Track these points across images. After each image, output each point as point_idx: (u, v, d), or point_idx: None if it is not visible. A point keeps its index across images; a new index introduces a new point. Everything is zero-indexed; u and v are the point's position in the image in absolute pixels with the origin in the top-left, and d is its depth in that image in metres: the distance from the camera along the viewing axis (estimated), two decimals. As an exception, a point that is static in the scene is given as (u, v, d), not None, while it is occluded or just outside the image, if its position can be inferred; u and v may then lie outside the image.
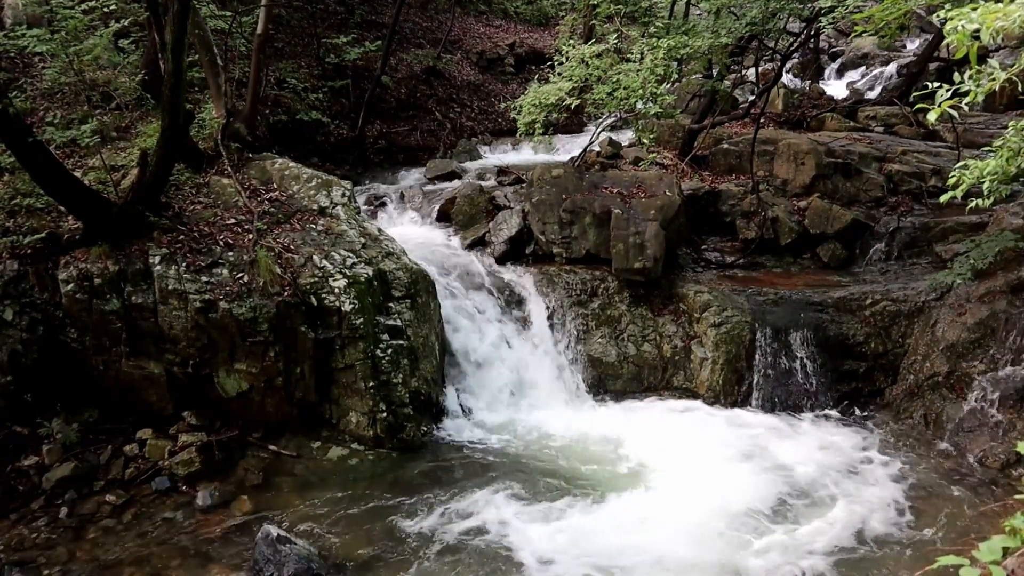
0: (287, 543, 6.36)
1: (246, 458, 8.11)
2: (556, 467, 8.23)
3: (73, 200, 7.92)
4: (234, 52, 12.23)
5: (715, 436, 8.72)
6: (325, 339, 8.37)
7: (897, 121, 14.23)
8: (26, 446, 7.64)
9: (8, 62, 10.63)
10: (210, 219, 8.85)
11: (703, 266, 11.25)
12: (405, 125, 16.24)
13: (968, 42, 3.65)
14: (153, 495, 7.55)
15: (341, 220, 9.62)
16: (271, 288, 8.15)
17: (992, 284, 9.08)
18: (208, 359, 8.19)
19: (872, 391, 9.62)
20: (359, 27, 17.27)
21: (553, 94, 9.87)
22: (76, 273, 7.91)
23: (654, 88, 9.45)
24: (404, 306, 9.00)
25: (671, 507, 7.36)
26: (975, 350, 8.87)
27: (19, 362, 7.72)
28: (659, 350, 9.96)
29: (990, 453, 8.05)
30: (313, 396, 8.49)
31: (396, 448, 8.41)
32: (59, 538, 6.97)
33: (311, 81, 14.61)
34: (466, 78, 18.46)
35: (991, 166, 5.57)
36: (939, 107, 3.93)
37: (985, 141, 9.79)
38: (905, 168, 11.91)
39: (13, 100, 7.59)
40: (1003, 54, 16.48)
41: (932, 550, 6.66)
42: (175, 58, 7.59)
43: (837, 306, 9.88)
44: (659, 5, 12.30)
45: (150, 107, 10.41)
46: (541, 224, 10.67)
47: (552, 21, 22.31)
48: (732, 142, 13.07)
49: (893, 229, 11.01)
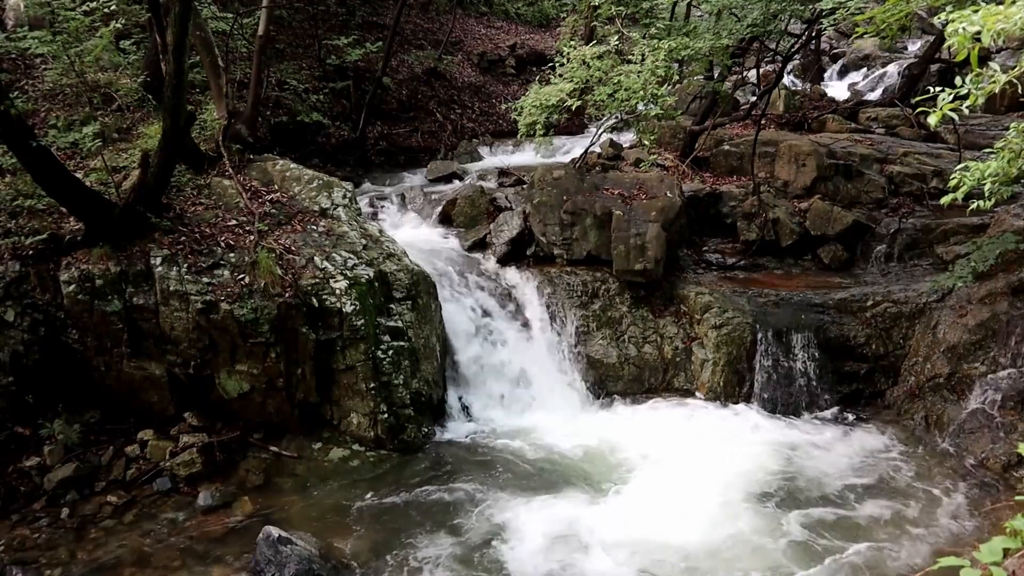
0: (288, 544, 6.37)
1: (247, 459, 8.11)
2: (556, 467, 8.23)
3: (75, 201, 7.93)
4: (235, 54, 12.24)
5: (715, 437, 8.72)
6: (326, 340, 8.37)
7: (898, 123, 14.23)
8: (28, 447, 7.65)
9: (10, 64, 10.64)
10: (211, 220, 8.85)
11: (704, 267, 11.25)
12: (406, 126, 16.24)
13: (969, 44, 3.66)
14: (154, 496, 7.56)
15: (342, 221, 9.63)
16: (272, 289, 8.15)
17: (993, 286, 9.08)
18: (209, 360, 8.20)
19: (873, 392, 9.62)
20: (360, 28, 17.28)
21: (554, 95, 9.87)
22: (78, 274, 7.91)
23: (655, 89, 9.44)
24: (405, 307, 9.00)
25: (671, 507, 7.35)
26: (976, 352, 8.87)
27: (21, 363, 7.72)
28: (660, 351, 9.96)
29: (991, 454, 8.04)
30: (314, 397, 8.50)
31: (397, 449, 8.42)
32: (60, 539, 6.97)
33: (312, 82, 14.62)
34: (467, 79, 18.46)
35: (992, 168, 5.57)
36: (940, 110, 3.93)
37: (986, 143, 9.77)
38: (906, 170, 11.91)
39: (15, 102, 7.58)
40: (1004, 56, 16.50)
41: (933, 551, 6.67)
42: (176, 60, 7.59)
43: (838, 307, 9.88)
44: (660, 6, 12.26)
45: (151, 108, 10.41)
46: (542, 225, 10.68)
47: (553, 22, 22.33)
48: (733, 144, 13.08)
49: (894, 231, 11.01)
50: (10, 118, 7.06)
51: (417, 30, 19.35)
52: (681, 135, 13.78)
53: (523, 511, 7.37)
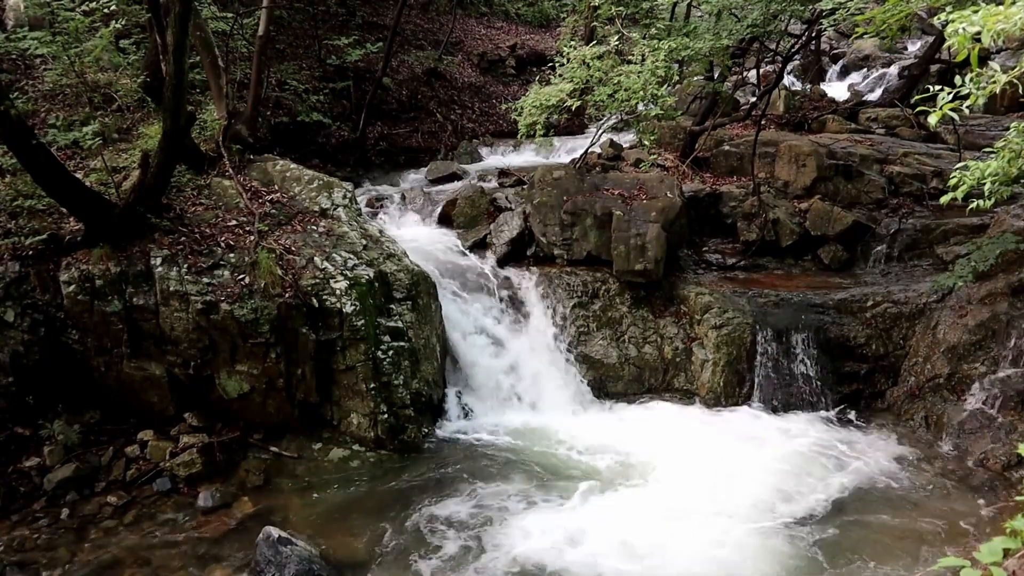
0: (288, 544, 6.37)
1: (247, 459, 8.12)
2: (557, 468, 8.23)
3: (75, 202, 7.93)
4: (235, 54, 12.24)
5: (715, 437, 8.72)
6: (326, 340, 8.37)
7: (898, 123, 14.22)
8: (28, 447, 7.65)
9: (10, 64, 10.64)
10: (211, 220, 8.85)
11: (704, 268, 11.25)
12: (406, 127, 16.23)
13: (969, 44, 3.66)
14: (154, 496, 7.56)
15: (342, 222, 9.63)
16: (272, 290, 8.15)
17: (993, 286, 9.08)
18: (209, 360, 8.20)
19: (873, 393, 9.62)
20: (360, 29, 17.27)
21: (554, 96, 9.86)
22: (78, 274, 7.92)
23: (655, 90, 9.44)
24: (405, 307, 9.00)
25: (671, 507, 7.35)
26: (976, 352, 8.87)
27: (20, 363, 7.73)
28: (660, 352, 9.96)
29: (991, 455, 8.04)
30: (314, 397, 8.50)
31: (397, 449, 8.42)
32: (60, 539, 6.98)
33: (312, 83, 14.61)
34: (467, 80, 18.46)
35: (992, 167, 5.58)
36: (940, 110, 3.94)
37: (986, 143, 9.76)
38: (906, 170, 11.91)
39: (15, 102, 7.58)
40: (1004, 56, 16.50)
41: (933, 551, 6.67)
42: (177, 60, 7.59)
43: (838, 308, 9.88)
44: (660, 7, 12.25)
45: (151, 109, 10.41)
46: (542, 226, 10.67)
47: (553, 23, 22.31)
48: (733, 144, 13.08)
49: (894, 231, 11.01)
50: (10, 118, 7.06)
51: (417, 30, 19.35)
52: (681, 135, 13.78)
53: (523, 512, 7.38)
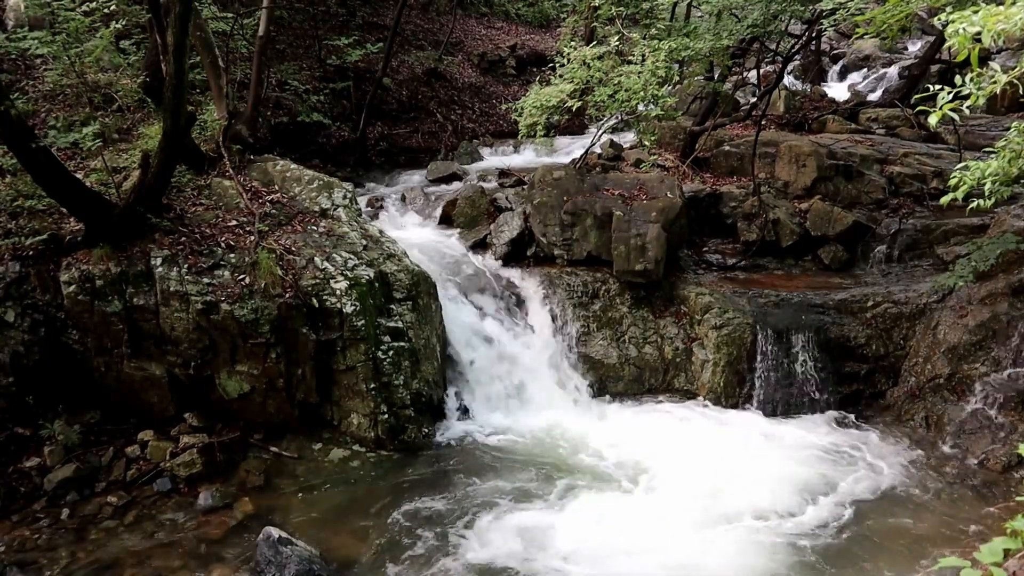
0: (288, 544, 6.37)
1: (247, 459, 8.11)
2: (556, 468, 8.22)
3: (75, 202, 7.93)
4: (236, 54, 12.24)
5: (715, 438, 8.72)
6: (326, 341, 8.37)
7: (899, 123, 14.23)
8: (28, 447, 7.65)
9: (10, 64, 10.65)
10: (212, 221, 8.85)
11: (704, 268, 11.25)
12: (406, 127, 16.24)
13: (969, 45, 3.66)
14: (155, 496, 7.55)
15: (342, 222, 9.63)
16: (272, 290, 8.16)
17: (993, 286, 9.08)
18: (209, 360, 8.20)
19: (873, 393, 9.61)
20: (360, 29, 17.28)
21: (554, 96, 9.86)
22: (78, 274, 7.91)
23: (655, 90, 9.45)
24: (405, 308, 9.00)
25: (671, 507, 7.35)
26: (976, 352, 8.87)
27: (21, 363, 7.72)
28: (660, 352, 9.96)
29: (991, 455, 8.04)
30: (314, 397, 8.50)
31: (397, 450, 8.42)
32: (60, 539, 6.97)
33: (312, 83, 14.62)
34: (467, 80, 18.46)
35: (992, 167, 5.57)
36: (940, 110, 3.94)
37: (987, 143, 9.75)
38: (906, 170, 11.91)
39: (15, 102, 7.58)
40: (1005, 56, 16.49)
41: (933, 552, 6.66)
42: (177, 60, 7.59)
43: (838, 308, 9.88)
44: (660, 7, 12.25)
45: (152, 109, 10.41)
46: (542, 226, 10.67)
47: (553, 23, 22.32)
48: (733, 144, 13.08)
49: (894, 231, 11.01)
50: (10, 119, 7.06)
51: (417, 31, 19.36)
52: (681, 135, 13.78)
53: (524, 512, 7.37)
